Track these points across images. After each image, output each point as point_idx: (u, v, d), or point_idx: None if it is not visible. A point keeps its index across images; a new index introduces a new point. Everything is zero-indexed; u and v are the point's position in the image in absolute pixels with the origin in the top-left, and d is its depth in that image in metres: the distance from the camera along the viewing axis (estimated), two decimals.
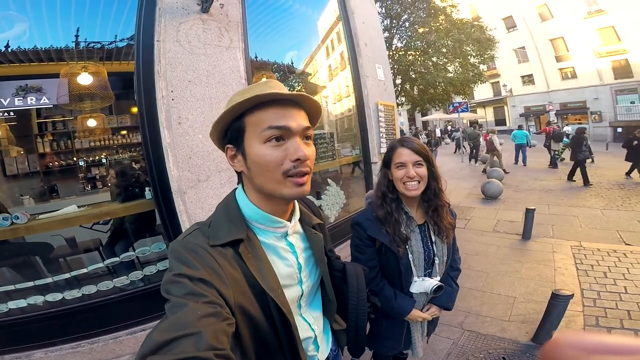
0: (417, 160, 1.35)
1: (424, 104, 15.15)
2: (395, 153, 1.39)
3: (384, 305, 1.41)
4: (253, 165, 0.77)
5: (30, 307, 2.24)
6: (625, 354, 0.24)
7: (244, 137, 0.78)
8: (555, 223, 5.58)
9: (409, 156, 1.35)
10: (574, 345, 0.25)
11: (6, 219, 2.18)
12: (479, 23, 14.35)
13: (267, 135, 0.75)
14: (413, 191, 1.34)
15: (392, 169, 1.39)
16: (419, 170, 1.34)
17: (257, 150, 0.76)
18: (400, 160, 1.36)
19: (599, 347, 0.25)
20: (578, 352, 0.25)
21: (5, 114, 2.73)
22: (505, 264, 4.11)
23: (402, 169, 1.35)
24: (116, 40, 2.70)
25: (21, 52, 2.75)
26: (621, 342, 0.25)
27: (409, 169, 1.34)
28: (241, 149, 0.79)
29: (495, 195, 7.46)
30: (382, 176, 1.45)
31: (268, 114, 0.76)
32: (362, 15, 4.19)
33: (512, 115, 29.01)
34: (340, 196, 3.89)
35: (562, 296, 2.45)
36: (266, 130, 0.75)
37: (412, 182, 1.33)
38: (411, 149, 1.36)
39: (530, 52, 26.50)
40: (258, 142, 0.76)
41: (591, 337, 0.26)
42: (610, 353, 0.24)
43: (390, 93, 4.84)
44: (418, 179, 1.33)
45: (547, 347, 0.27)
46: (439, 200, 1.41)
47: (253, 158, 0.77)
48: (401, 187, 1.36)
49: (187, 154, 2.36)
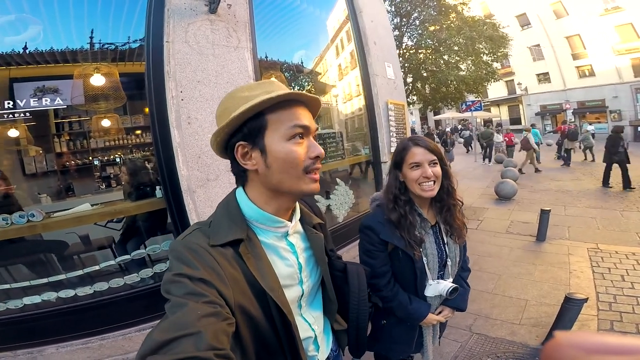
0: (432, 160, 1.29)
1: (436, 102, 14.99)
2: (409, 153, 1.32)
3: (400, 312, 1.38)
4: (276, 162, 0.77)
5: (44, 303, 2.31)
6: (625, 354, 0.24)
7: (265, 134, 0.78)
8: (571, 224, 5.43)
9: (424, 155, 1.29)
10: (575, 345, 0.25)
11: (22, 217, 2.25)
12: (491, 20, 14.11)
13: (292, 133, 0.78)
14: (429, 192, 1.28)
15: (405, 170, 1.33)
16: (435, 170, 1.28)
17: (283, 147, 0.77)
18: (415, 160, 1.29)
19: (599, 347, 0.25)
20: (579, 352, 0.25)
21: (23, 114, 2.81)
22: (518, 266, 4.02)
23: (418, 170, 1.29)
24: (129, 42, 2.74)
25: (38, 53, 2.83)
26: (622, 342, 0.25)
27: (426, 168, 1.27)
28: (260, 145, 0.78)
29: (509, 196, 7.31)
30: (393, 178, 1.38)
31: (289, 112, 0.78)
32: (370, 14, 4.16)
33: (528, 114, 28.36)
34: (349, 196, 3.87)
35: (575, 300, 2.38)
36: (291, 128, 0.77)
37: (428, 182, 1.28)
38: (425, 147, 1.30)
39: (546, 49, 25.87)
40: (281, 139, 0.77)
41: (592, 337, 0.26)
42: (610, 353, 0.24)
43: (401, 92, 4.80)
44: (434, 179, 1.28)
45: (548, 347, 0.27)
46: (452, 200, 1.37)
47: (277, 155, 0.77)
48: (416, 189, 1.30)
49: (196, 153, 2.39)
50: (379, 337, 1.49)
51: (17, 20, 2.51)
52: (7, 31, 2.56)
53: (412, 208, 1.35)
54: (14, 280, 2.39)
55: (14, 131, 3.55)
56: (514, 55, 19.39)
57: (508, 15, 24.75)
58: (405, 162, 1.33)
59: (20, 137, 3.71)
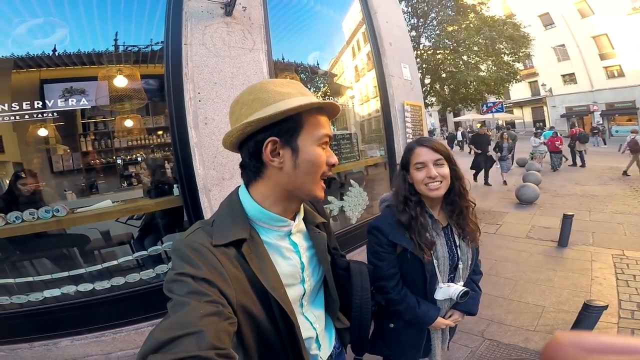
0: (438, 159, 1.27)
1: (455, 104, 14.68)
2: (414, 153, 1.32)
3: (408, 315, 1.36)
4: (305, 163, 0.78)
5: (63, 296, 2.40)
6: (625, 353, 0.24)
7: (299, 134, 0.78)
8: (596, 230, 5.22)
9: (428, 155, 1.28)
10: (575, 344, 0.26)
11: (48, 212, 2.36)
12: (512, 20, 13.72)
13: (322, 139, 0.81)
14: (435, 191, 1.26)
15: (412, 171, 1.32)
16: (441, 170, 1.26)
17: (314, 150, 0.79)
18: (420, 160, 1.28)
19: (599, 347, 0.25)
20: (579, 352, 0.25)
21: (52, 114, 2.96)
22: (536, 272, 3.89)
23: (422, 170, 1.28)
24: (151, 44, 2.84)
25: (66, 55, 2.97)
26: (622, 342, 0.25)
27: (430, 168, 1.26)
28: (292, 145, 0.78)
29: (530, 200, 7.08)
30: (401, 180, 1.37)
31: (320, 119, 0.82)
32: (385, 15, 4.14)
33: (553, 116, 27.42)
34: (363, 197, 3.86)
35: (594, 307, 2.29)
36: (323, 135, 0.81)
37: (434, 182, 1.26)
38: (430, 147, 1.29)
39: (571, 50, 25.00)
40: (313, 142, 0.80)
41: (592, 337, 0.26)
42: (610, 353, 0.24)
43: (418, 93, 4.75)
44: (440, 179, 1.26)
45: (549, 346, 0.27)
46: (463, 202, 1.34)
47: (308, 157, 0.79)
48: (423, 189, 1.29)
49: (212, 153, 2.45)
50: (386, 341, 1.47)
51: (46, 23, 2.65)
52: (36, 34, 2.69)
53: (423, 209, 1.33)
54: (38, 273, 2.51)
55: (44, 130, 3.74)
56: (538, 56, 18.82)
57: (530, 15, 24.08)
58: (411, 162, 1.33)
59: (49, 136, 3.89)
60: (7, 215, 2.30)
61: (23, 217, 2.32)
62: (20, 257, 2.66)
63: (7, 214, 2.31)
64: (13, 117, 2.47)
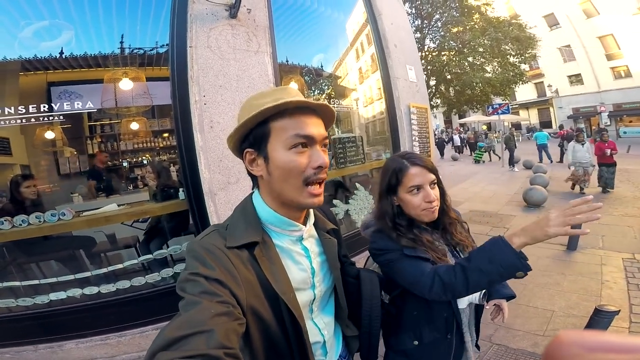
0: (432, 180, 1.15)
1: (460, 105, 14.63)
2: (406, 175, 1.15)
3: (477, 278, 1.01)
4: (276, 170, 0.78)
5: (68, 299, 2.40)
6: (625, 352, 0.24)
7: (268, 141, 0.78)
8: (606, 233, 5.14)
9: (424, 176, 1.14)
10: (576, 343, 0.26)
11: (54, 215, 2.37)
12: (517, 21, 13.65)
13: (293, 142, 0.77)
14: (432, 214, 1.15)
15: (403, 195, 1.16)
16: (436, 192, 1.15)
17: (283, 156, 0.77)
18: (415, 184, 1.13)
19: (600, 346, 0.26)
20: (580, 350, 0.26)
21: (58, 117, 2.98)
22: (545, 276, 3.84)
23: (419, 194, 1.13)
24: (156, 47, 2.85)
25: (72, 58, 2.99)
26: (622, 341, 0.26)
27: (428, 192, 1.13)
28: (263, 153, 0.79)
29: (538, 203, 6.99)
30: (387, 204, 1.20)
31: (293, 121, 0.78)
32: (389, 17, 4.12)
33: (559, 117, 27.17)
34: (368, 201, 3.83)
35: (606, 312, 2.24)
36: (293, 137, 0.77)
37: (432, 206, 1.13)
38: (424, 167, 1.15)
39: (577, 50, 24.80)
40: (283, 147, 0.77)
41: (593, 336, 0.27)
42: (611, 351, 0.25)
43: (423, 95, 4.72)
44: (437, 202, 1.14)
45: (551, 345, 0.27)
46: (447, 218, 1.24)
47: (277, 163, 0.77)
48: (420, 214, 1.15)
49: (218, 156, 2.44)
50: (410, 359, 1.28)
51: (52, 25, 2.67)
52: (43, 36, 2.71)
53: (419, 227, 1.20)
54: (44, 276, 2.52)
55: (51, 133, 3.76)
56: (543, 57, 18.69)
57: (535, 16, 23.98)
58: (402, 185, 1.16)
59: (56, 138, 3.92)
60: (13, 218, 2.31)
61: (29, 221, 2.33)
62: (26, 260, 2.67)
63: (14, 217, 2.32)
64: (21, 120, 2.48)
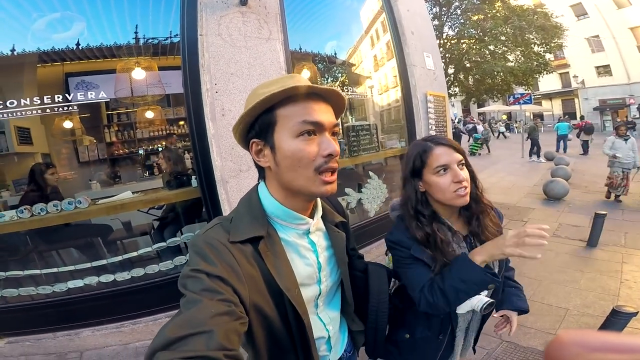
0: (460, 160, 1.10)
1: (480, 94, 14.21)
2: (431, 155, 1.10)
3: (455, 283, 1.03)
4: (284, 160, 0.74)
5: (86, 287, 2.47)
6: (626, 352, 0.24)
7: (274, 130, 0.75)
8: (629, 230, 4.91)
9: (450, 155, 1.09)
10: (577, 343, 0.26)
11: (71, 203, 2.42)
12: (542, 10, 13.04)
13: (300, 130, 0.73)
14: (464, 197, 1.08)
15: (429, 177, 1.11)
16: (465, 174, 1.09)
17: (290, 144, 0.73)
18: (441, 163, 1.08)
19: (601, 345, 0.25)
20: (580, 350, 0.26)
21: (77, 107, 3.03)
22: (562, 273, 3.71)
23: (446, 174, 1.08)
24: (170, 37, 2.84)
25: (88, 49, 3.03)
26: (622, 341, 0.25)
27: (456, 171, 1.07)
28: (270, 143, 0.76)
29: (559, 196, 6.74)
30: (411, 190, 1.16)
31: (300, 107, 0.74)
32: (406, 3, 3.97)
33: (585, 109, 26.03)
34: (382, 190, 3.78)
35: (623, 313, 2.14)
36: (300, 124, 0.73)
37: (462, 187, 1.07)
38: (450, 146, 1.11)
39: (606, 41, 23.60)
40: (290, 136, 0.73)
41: (594, 336, 0.26)
42: (612, 351, 0.25)
43: (441, 83, 4.57)
44: (466, 183, 1.08)
45: (551, 344, 0.27)
46: (480, 206, 1.16)
47: (285, 153, 0.74)
48: (449, 197, 1.08)
49: (230, 144, 2.43)
50: (400, 349, 1.35)
51: (64, 17, 2.69)
52: (57, 28, 2.74)
53: (440, 222, 1.14)
54: (64, 263, 2.60)
55: (69, 122, 3.86)
56: (569, 47, 17.80)
57: (561, 5, 22.87)
58: (428, 166, 1.11)
59: (74, 127, 4.02)
60: (32, 207, 2.37)
61: (47, 209, 2.39)
62: (47, 248, 2.76)
63: (32, 205, 2.38)
64: (40, 110, 2.53)
